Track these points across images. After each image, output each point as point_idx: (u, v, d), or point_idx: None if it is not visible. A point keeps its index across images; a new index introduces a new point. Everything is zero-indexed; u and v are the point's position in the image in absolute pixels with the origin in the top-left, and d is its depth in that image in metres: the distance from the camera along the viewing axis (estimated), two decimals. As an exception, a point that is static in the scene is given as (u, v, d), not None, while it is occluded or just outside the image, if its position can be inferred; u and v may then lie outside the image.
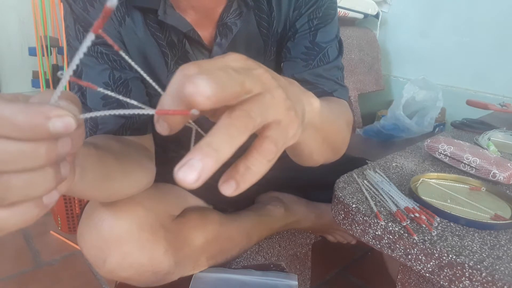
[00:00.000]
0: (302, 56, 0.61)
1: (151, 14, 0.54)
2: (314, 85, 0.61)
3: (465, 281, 0.41)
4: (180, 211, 0.64)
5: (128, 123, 0.55)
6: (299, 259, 0.87)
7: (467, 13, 1.54)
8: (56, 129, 0.20)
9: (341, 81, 0.63)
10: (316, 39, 0.60)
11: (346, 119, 0.57)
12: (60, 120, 0.20)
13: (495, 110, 1.09)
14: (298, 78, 0.62)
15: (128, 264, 0.53)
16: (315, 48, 0.60)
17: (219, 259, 0.66)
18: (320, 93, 0.61)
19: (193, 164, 0.21)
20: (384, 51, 1.83)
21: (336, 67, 0.62)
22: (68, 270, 1.08)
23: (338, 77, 0.63)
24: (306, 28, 0.60)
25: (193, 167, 0.21)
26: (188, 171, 0.20)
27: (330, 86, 0.61)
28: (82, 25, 0.53)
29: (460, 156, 0.68)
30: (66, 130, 0.21)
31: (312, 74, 0.61)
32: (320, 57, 0.61)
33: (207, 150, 0.21)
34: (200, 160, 0.21)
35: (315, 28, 0.60)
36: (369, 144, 1.46)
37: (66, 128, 0.21)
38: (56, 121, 0.20)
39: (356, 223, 0.51)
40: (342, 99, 0.62)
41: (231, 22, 0.57)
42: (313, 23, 0.60)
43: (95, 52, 0.53)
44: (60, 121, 0.20)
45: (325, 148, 0.49)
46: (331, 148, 0.52)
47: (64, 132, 0.21)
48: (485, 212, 0.52)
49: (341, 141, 0.55)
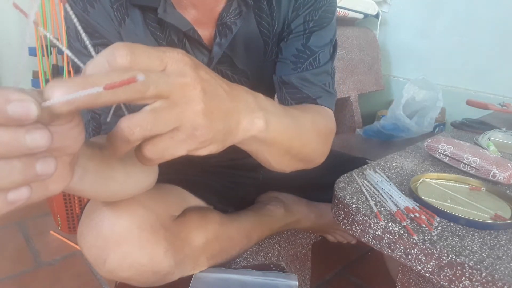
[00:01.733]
0: (292, 58, 0.61)
1: (151, 13, 0.54)
2: (298, 90, 0.60)
3: (465, 281, 0.41)
4: (180, 211, 0.64)
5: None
6: (299, 259, 0.87)
7: (467, 13, 1.54)
8: (15, 114, 0.19)
9: (329, 87, 0.62)
10: (308, 42, 0.60)
11: (318, 130, 0.56)
12: (20, 104, 0.19)
13: (495, 110, 1.08)
14: (285, 80, 0.62)
15: (128, 264, 0.53)
16: (306, 52, 0.60)
17: (219, 259, 0.66)
18: (304, 98, 0.60)
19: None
20: (384, 51, 1.83)
21: (325, 73, 0.62)
22: (68, 270, 1.08)
23: (326, 82, 0.62)
24: (301, 29, 0.60)
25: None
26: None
27: (315, 92, 0.60)
28: (82, 26, 0.53)
29: (460, 156, 0.68)
30: (27, 116, 0.20)
31: (299, 78, 0.60)
32: (310, 61, 0.60)
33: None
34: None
35: (309, 30, 0.60)
36: (369, 144, 1.46)
37: (27, 113, 0.20)
38: (16, 105, 0.19)
39: (356, 223, 0.51)
40: (325, 107, 0.61)
41: (231, 22, 0.57)
42: (308, 25, 0.60)
43: (97, 53, 0.53)
44: (20, 105, 0.19)
45: (288, 159, 0.50)
46: (297, 159, 0.52)
47: (25, 119, 0.20)
48: (485, 212, 0.52)
49: (311, 152, 0.55)
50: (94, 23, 0.52)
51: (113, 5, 0.53)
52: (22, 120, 0.20)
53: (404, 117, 1.33)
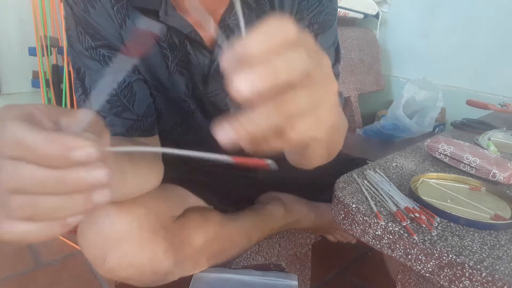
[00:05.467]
0: None
1: (152, 15, 0.54)
2: None
3: (465, 281, 0.41)
4: (181, 212, 0.64)
5: (136, 125, 0.56)
6: (299, 259, 0.87)
7: (467, 13, 1.54)
8: (78, 159, 0.22)
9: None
10: None
11: (344, 125, 0.57)
12: (82, 151, 0.23)
13: (495, 110, 1.08)
14: None
15: (128, 264, 0.53)
16: None
17: (219, 259, 0.66)
18: None
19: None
20: (384, 51, 1.83)
21: None
22: (68, 270, 1.08)
23: None
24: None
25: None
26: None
27: None
28: (83, 27, 0.53)
29: (460, 156, 0.68)
30: (88, 159, 0.23)
31: None
32: None
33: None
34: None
35: (314, 33, 0.60)
36: (369, 144, 1.46)
37: (88, 158, 0.23)
38: (79, 151, 0.22)
39: (356, 223, 0.51)
40: None
41: (233, 24, 0.57)
42: (313, 28, 0.60)
43: (98, 55, 0.53)
44: (82, 152, 0.23)
45: (324, 152, 0.50)
46: (328, 152, 0.52)
47: (87, 161, 0.23)
48: (485, 212, 0.52)
49: (337, 147, 0.56)
50: (95, 24, 0.52)
51: (114, 7, 0.53)
52: (85, 163, 0.23)
53: (404, 117, 1.33)
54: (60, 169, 0.23)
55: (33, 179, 0.22)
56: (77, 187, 0.23)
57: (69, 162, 0.22)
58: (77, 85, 0.55)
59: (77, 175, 0.23)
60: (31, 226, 0.24)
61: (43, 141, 0.22)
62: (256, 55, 0.22)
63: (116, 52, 0.54)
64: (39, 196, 0.23)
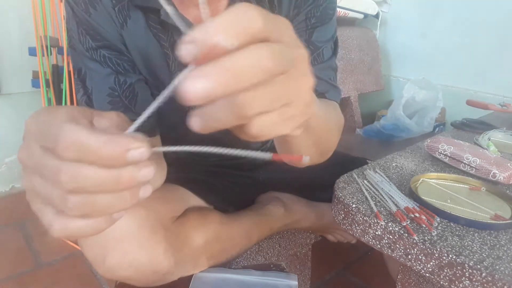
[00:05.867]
0: None
1: (153, 14, 0.54)
2: None
3: (465, 281, 0.41)
4: (181, 211, 0.64)
5: (138, 126, 0.56)
6: (299, 259, 0.87)
7: (467, 13, 1.54)
8: (132, 159, 0.24)
9: (334, 82, 0.63)
10: (312, 38, 0.60)
11: (337, 122, 0.57)
12: (137, 151, 0.24)
13: (495, 110, 1.08)
14: None
15: (127, 263, 0.53)
16: (310, 47, 0.60)
17: (219, 259, 0.66)
18: None
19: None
20: (384, 51, 1.83)
21: (329, 67, 0.62)
22: (68, 270, 1.08)
23: (331, 77, 0.62)
24: (303, 26, 0.60)
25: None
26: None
27: (323, 87, 0.61)
28: (84, 28, 0.53)
29: (460, 156, 0.68)
30: (141, 159, 0.24)
31: None
32: (315, 56, 0.60)
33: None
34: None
35: (312, 26, 0.60)
36: (369, 144, 1.46)
37: (141, 157, 0.24)
38: (134, 152, 0.24)
39: (356, 223, 0.51)
40: (334, 101, 0.62)
41: None
42: (310, 22, 0.60)
43: (99, 56, 0.53)
44: (137, 152, 0.24)
45: (314, 151, 0.49)
46: (319, 151, 0.52)
47: (140, 160, 0.24)
48: (485, 212, 0.52)
49: (330, 145, 0.55)
50: (96, 25, 0.52)
51: (115, 7, 0.53)
52: (136, 162, 0.24)
53: (404, 117, 1.33)
54: (116, 168, 0.24)
55: (95, 179, 0.23)
56: (128, 185, 0.25)
57: (124, 162, 0.24)
58: (78, 85, 0.55)
59: (131, 174, 0.24)
60: (82, 223, 0.25)
61: (104, 143, 0.23)
62: (211, 50, 0.20)
63: (117, 53, 0.54)
64: (96, 195, 0.24)
